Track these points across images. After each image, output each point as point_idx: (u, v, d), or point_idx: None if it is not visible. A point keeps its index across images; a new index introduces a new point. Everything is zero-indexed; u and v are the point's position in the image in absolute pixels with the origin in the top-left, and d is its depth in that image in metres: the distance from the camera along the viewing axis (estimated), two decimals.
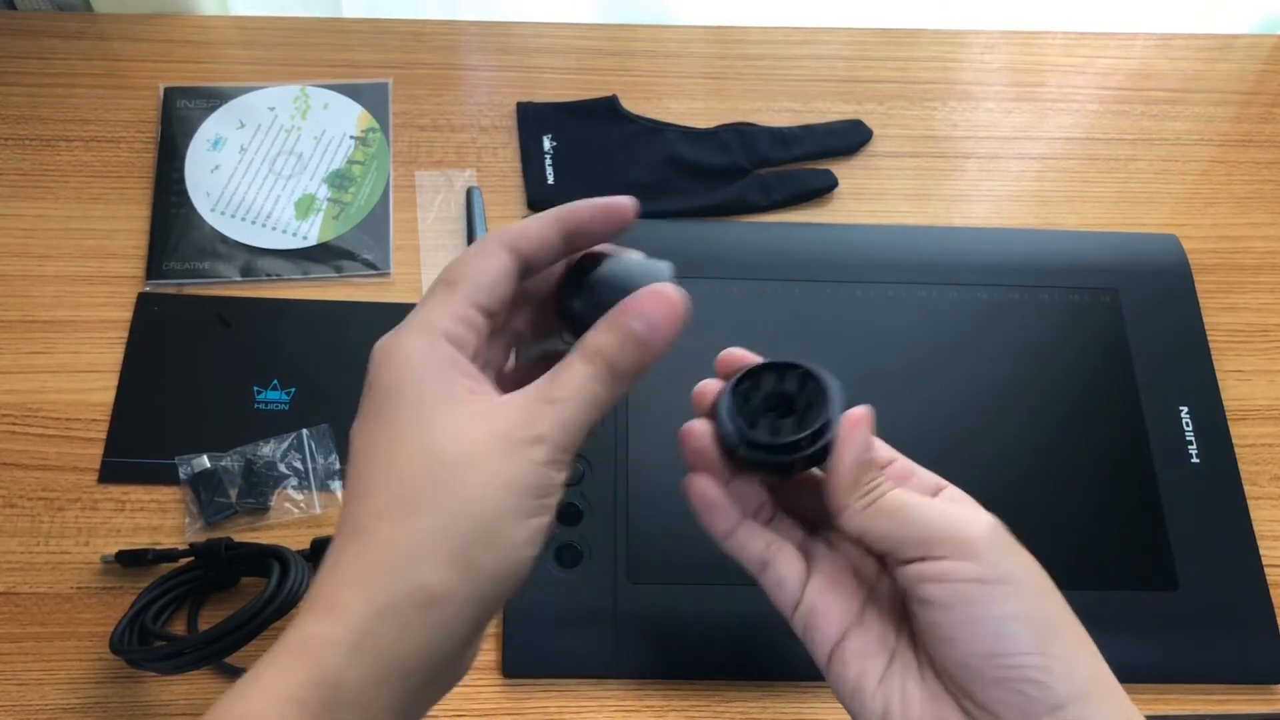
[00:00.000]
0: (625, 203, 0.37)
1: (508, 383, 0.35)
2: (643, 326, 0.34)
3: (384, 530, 0.31)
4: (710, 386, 0.39)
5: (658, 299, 0.34)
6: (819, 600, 0.38)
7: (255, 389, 0.62)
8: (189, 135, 0.71)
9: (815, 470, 0.38)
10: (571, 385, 0.33)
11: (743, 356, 0.39)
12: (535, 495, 0.32)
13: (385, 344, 0.33)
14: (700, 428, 0.37)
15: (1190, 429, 0.63)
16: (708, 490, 0.37)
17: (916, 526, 0.35)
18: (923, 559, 0.35)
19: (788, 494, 0.40)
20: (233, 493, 0.59)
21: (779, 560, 0.38)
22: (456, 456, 0.31)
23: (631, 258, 0.37)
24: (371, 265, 0.67)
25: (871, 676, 0.36)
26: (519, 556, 0.32)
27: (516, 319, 0.37)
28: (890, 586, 0.38)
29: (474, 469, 0.31)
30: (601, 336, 0.34)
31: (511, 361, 0.38)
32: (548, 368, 0.34)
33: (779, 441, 0.36)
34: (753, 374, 0.38)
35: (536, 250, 0.36)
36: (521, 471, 0.31)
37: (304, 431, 0.60)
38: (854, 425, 0.36)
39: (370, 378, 0.33)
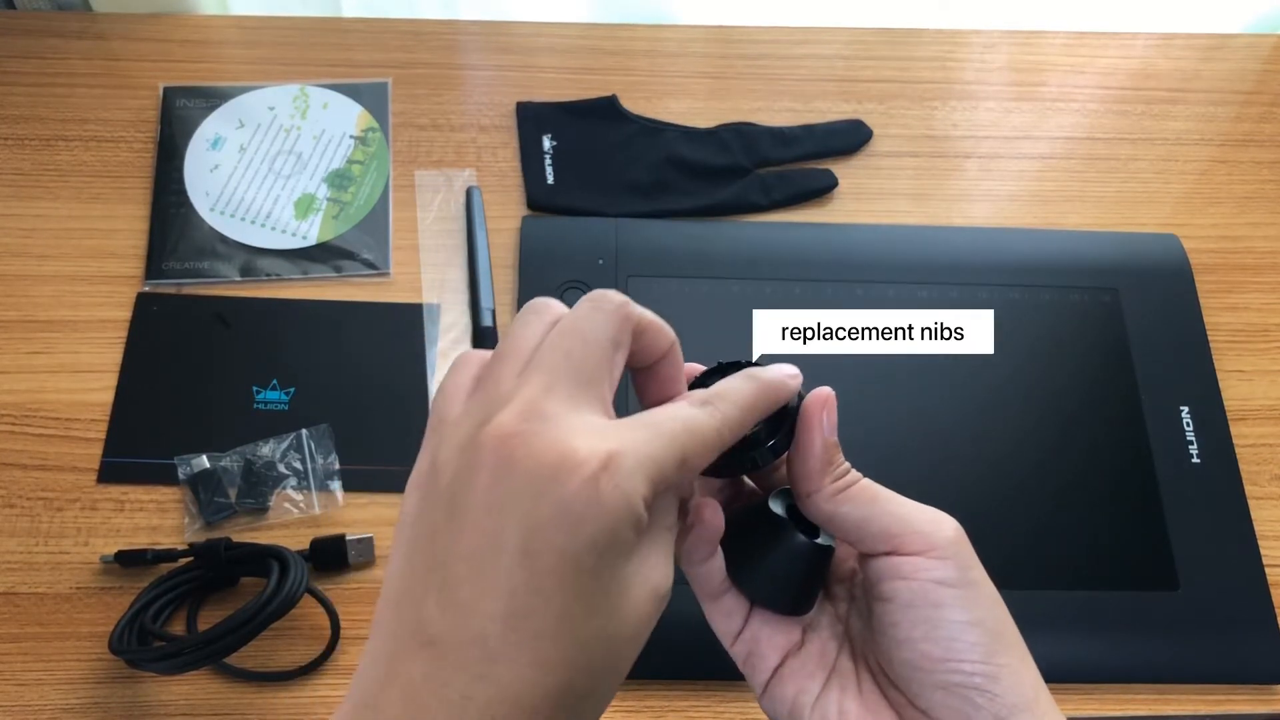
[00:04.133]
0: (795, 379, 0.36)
1: None
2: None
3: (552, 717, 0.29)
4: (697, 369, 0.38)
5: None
6: (764, 625, 0.38)
7: (254, 389, 0.62)
8: (188, 135, 0.71)
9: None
10: (674, 521, 0.33)
11: (695, 369, 0.38)
12: None
13: (606, 484, 0.28)
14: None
15: (1190, 429, 0.63)
16: (716, 516, 0.36)
17: (890, 518, 0.35)
18: (890, 553, 0.35)
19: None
20: (232, 493, 0.58)
21: (733, 592, 0.38)
22: (630, 634, 0.30)
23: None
24: (371, 265, 0.67)
25: (809, 695, 0.36)
26: None
27: None
28: (832, 608, 0.38)
29: (635, 645, 0.30)
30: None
31: None
32: None
33: (741, 437, 0.35)
34: (699, 382, 0.38)
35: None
36: (651, 629, 0.31)
37: (303, 431, 0.60)
38: (817, 406, 0.36)
39: (578, 513, 0.28)
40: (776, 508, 0.37)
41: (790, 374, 0.36)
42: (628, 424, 0.30)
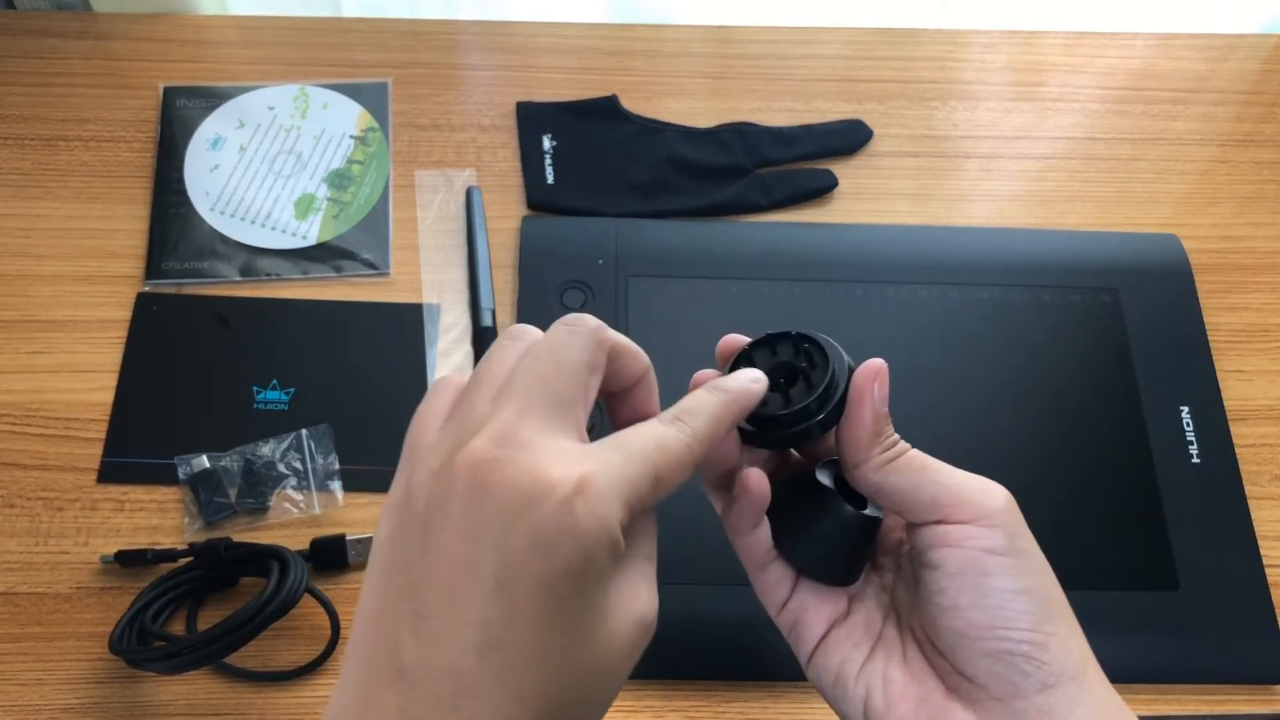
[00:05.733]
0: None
1: None
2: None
3: None
4: (709, 375, 0.38)
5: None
6: (811, 594, 0.38)
7: (255, 389, 0.62)
8: (188, 135, 0.71)
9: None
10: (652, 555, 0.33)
11: (740, 340, 0.39)
12: None
13: (581, 509, 0.28)
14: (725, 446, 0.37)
15: (1191, 429, 0.63)
16: (762, 485, 0.36)
17: (939, 487, 0.35)
18: (940, 522, 0.35)
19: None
20: (232, 493, 0.58)
21: (779, 562, 0.38)
22: (609, 664, 0.30)
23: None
24: (371, 265, 0.67)
25: (854, 663, 0.36)
26: None
27: None
28: (878, 578, 0.39)
29: (616, 677, 0.30)
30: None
31: None
32: None
33: (793, 410, 0.36)
34: (746, 354, 0.38)
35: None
36: (633, 664, 0.31)
37: (303, 431, 0.60)
38: (869, 377, 0.36)
39: (553, 539, 0.27)
40: (824, 478, 0.37)
41: (752, 379, 0.35)
42: (599, 447, 0.30)
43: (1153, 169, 0.75)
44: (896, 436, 0.36)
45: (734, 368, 0.38)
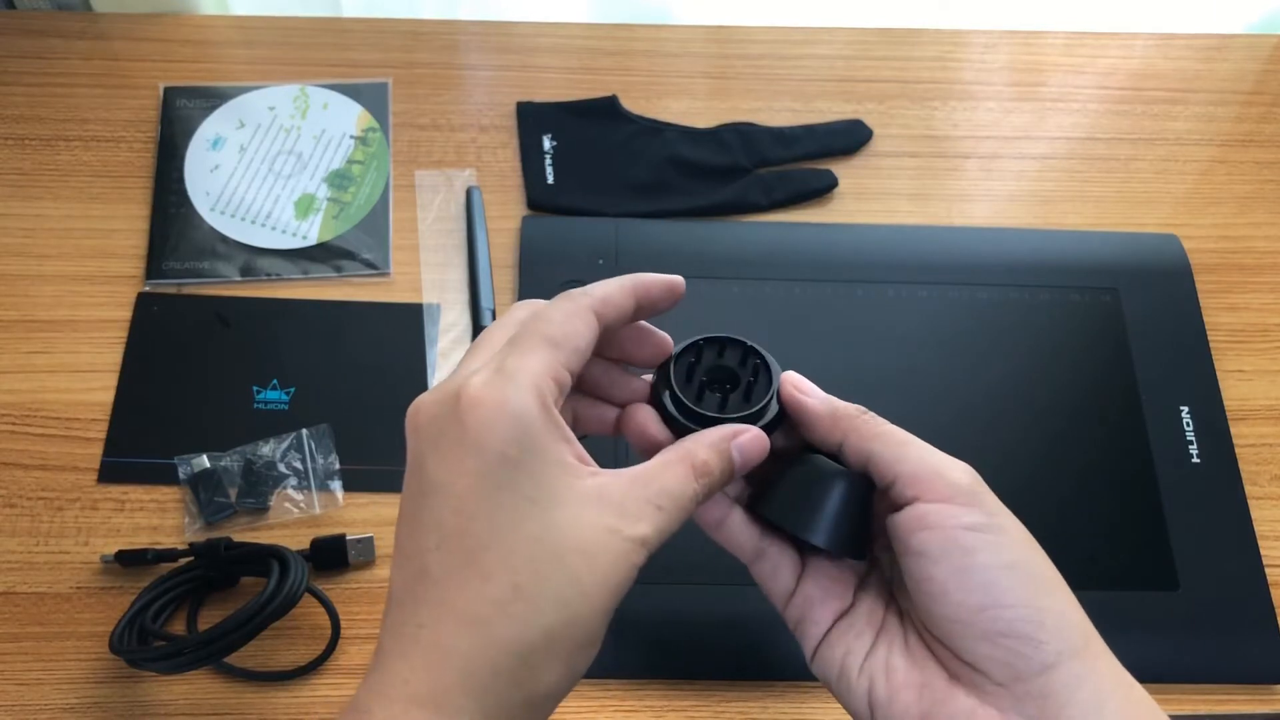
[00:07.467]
0: (681, 282, 0.38)
1: None
2: (740, 460, 0.35)
3: (505, 628, 0.30)
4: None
5: (758, 442, 0.36)
6: (815, 587, 0.38)
7: (255, 389, 0.62)
8: (189, 135, 0.71)
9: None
10: (678, 496, 0.33)
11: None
12: (620, 596, 0.31)
13: (487, 397, 0.31)
14: (642, 413, 0.37)
15: (1190, 429, 0.63)
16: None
17: (917, 461, 0.35)
18: (915, 500, 0.34)
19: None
20: (232, 492, 0.58)
21: (774, 547, 0.38)
22: (576, 545, 0.31)
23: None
24: (371, 265, 0.67)
25: (857, 655, 0.36)
26: (594, 655, 0.32)
27: None
28: (878, 569, 0.38)
29: (591, 563, 0.31)
30: (711, 457, 0.34)
31: None
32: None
33: (730, 416, 0.37)
34: (691, 350, 0.38)
35: (616, 319, 0.36)
36: (625, 574, 0.31)
37: (303, 431, 0.60)
38: (790, 386, 0.37)
39: (475, 435, 0.30)
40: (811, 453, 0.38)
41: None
42: (504, 347, 0.34)
43: (1152, 169, 0.75)
44: (859, 410, 0.37)
45: (678, 360, 0.39)
